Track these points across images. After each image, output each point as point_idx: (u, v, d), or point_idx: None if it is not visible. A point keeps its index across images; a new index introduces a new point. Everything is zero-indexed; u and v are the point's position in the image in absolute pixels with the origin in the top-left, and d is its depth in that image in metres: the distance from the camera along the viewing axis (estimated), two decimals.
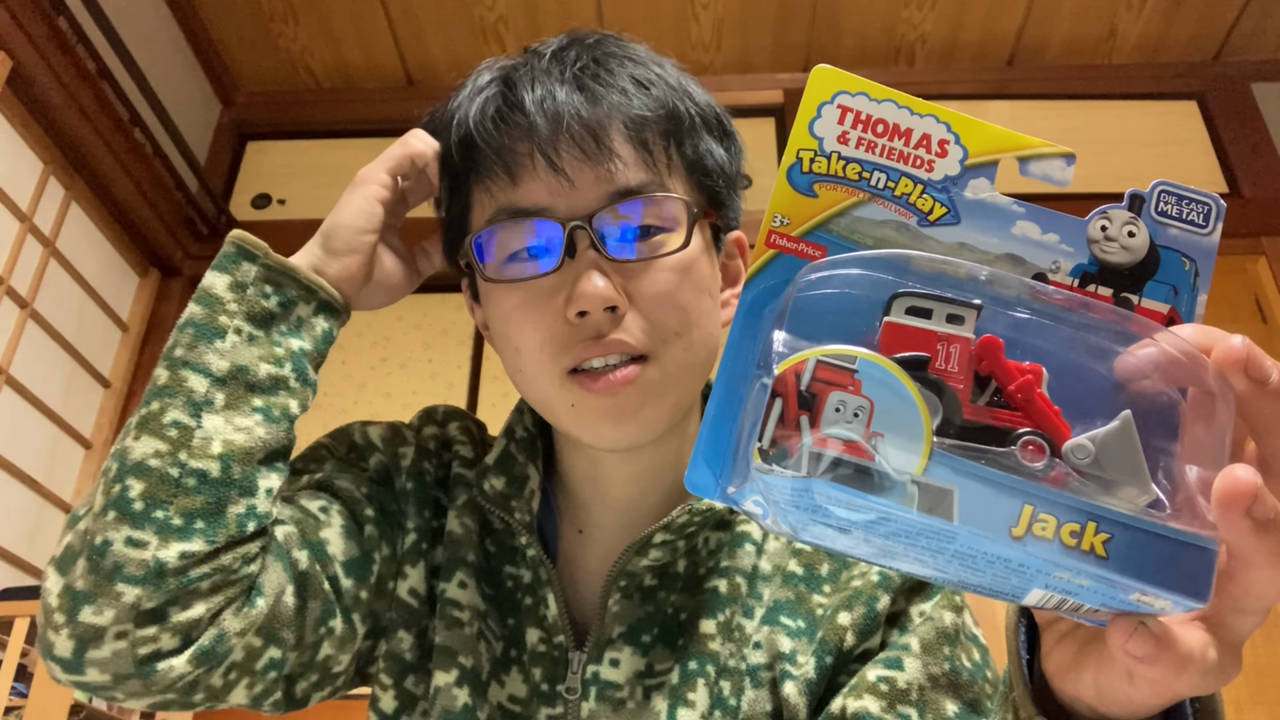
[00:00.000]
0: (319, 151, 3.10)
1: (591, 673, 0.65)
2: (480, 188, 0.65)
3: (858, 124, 0.31)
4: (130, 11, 2.62)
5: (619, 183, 0.61)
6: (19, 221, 2.25)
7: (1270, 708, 2.20)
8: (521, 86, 0.63)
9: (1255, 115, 3.01)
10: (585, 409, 0.62)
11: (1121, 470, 0.27)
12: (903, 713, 0.59)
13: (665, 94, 0.65)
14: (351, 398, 2.69)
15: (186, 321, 0.60)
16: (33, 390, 2.27)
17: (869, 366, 0.27)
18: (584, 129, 0.61)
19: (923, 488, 0.26)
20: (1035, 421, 0.27)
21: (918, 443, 0.26)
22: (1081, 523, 0.26)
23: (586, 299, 0.59)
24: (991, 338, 0.28)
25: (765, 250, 0.32)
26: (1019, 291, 0.28)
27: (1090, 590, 0.27)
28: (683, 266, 0.62)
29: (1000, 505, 0.26)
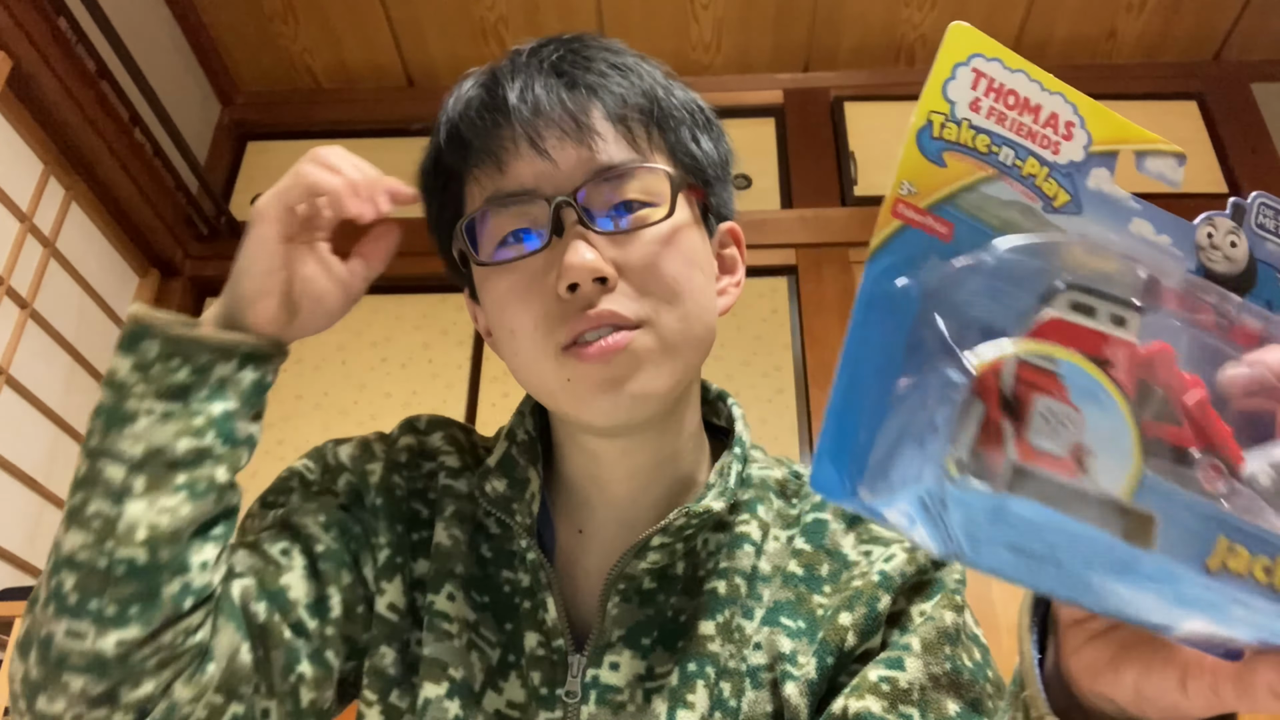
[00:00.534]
0: None
1: (591, 676, 0.65)
2: (471, 180, 0.66)
3: (990, 92, 0.29)
4: (130, 11, 2.62)
5: (601, 160, 0.62)
6: (19, 221, 2.25)
7: None
8: (503, 81, 0.65)
9: (1255, 115, 3.01)
10: (580, 382, 0.62)
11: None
12: (904, 712, 0.59)
13: (645, 81, 0.67)
14: (351, 398, 2.69)
15: (98, 409, 0.60)
16: (33, 390, 2.27)
17: (1076, 371, 0.25)
18: (564, 111, 0.63)
19: (1127, 513, 0.24)
20: (1209, 440, 0.25)
21: (1127, 462, 0.24)
22: (1272, 555, 0.24)
23: (574, 270, 0.59)
24: (1164, 345, 0.25)
25: (891, 221, 0.29)
26: (1177, 298, 0.26)
27: (1252, 626, 0.26)
28: (669, 237, 0.63)
29: (1198, 534, 0.24)
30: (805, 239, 2.83)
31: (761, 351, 2.71)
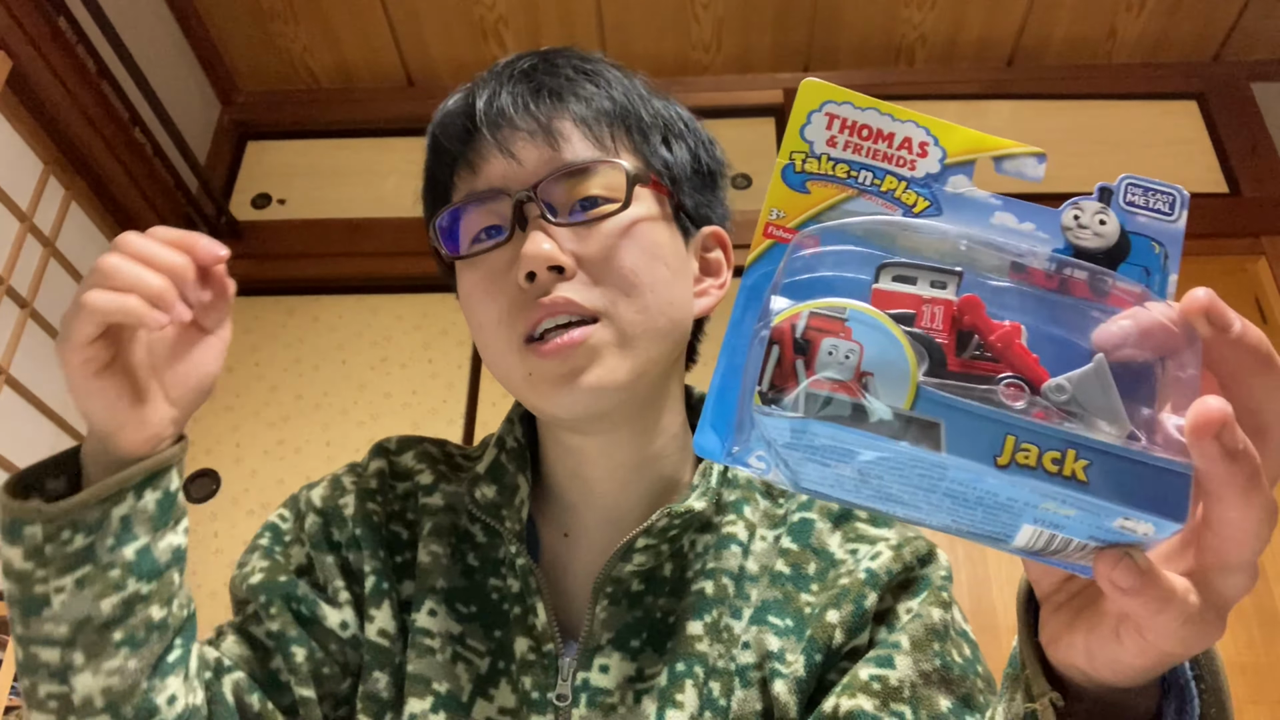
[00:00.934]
0: (319, 151, 3.10)
1: (582, 679, 0.65)
2: (453, 186, 0.69)
3: (845, 129, 0.33)
4: (130, 11, 2.62)
5: (565, 157, 0.65)
6: (19, 221, 2.25)
7: (1270, 708, 2.20)
8: (476, 91, 0.68)
9: (1255, 115, 3.01)
10: (539, 377, 0.63)
11: (1098, 408, 0.28)
12: (896, 710, 0.59)
13: (615, 88, 0.69)
14: (351, 398, 2.69)
15: (9, 599, 0.57)
16: (33, 390, 2.27)
17: (859, 315, 0.29)
18: (528, 114, 0.65)
19: (911, 421, 0.28)
20: (1015, 368, 0.28)
21: (905, 380, 0.28)
22: (1062, 450, 0.27)
23: (530, 259, 0.61)
24: (972, 296, 0.29)
25: (763, 240, 0.34)
26: (999, 264, 0.30)
27: (1076, 522, 0.29)
28: (627, 229, 0.64)
29: (985, 436, 0.27)
30: None
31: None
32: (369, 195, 2.95)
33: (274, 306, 2.86)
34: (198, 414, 2.52)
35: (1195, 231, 2.32)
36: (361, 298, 2.85)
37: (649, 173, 0.68)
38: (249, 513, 2.53)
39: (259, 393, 2.71)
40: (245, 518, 2.53)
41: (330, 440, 2.63)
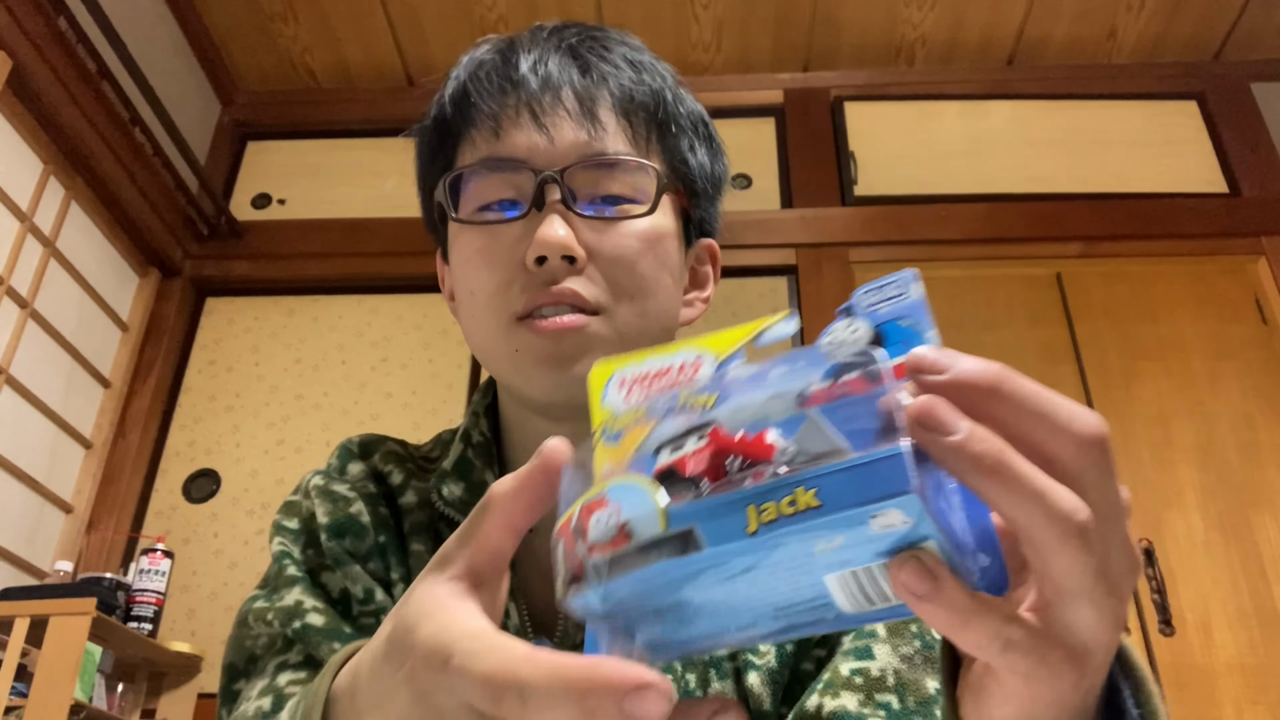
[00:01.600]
0: (319, 151, 3.10)
1: None
2: (466, 141, 0.65)
3: (634, 384, 0.38)
4: (130, 11, 2.62)
5: (597, 146, 0.62)
6: (19, 221, 2.25)
7: (1270, 708, 2.20)
8: (520, 49, 0.65)
9: (1255, 115, 3.01)
10: (527, 354, 0.61)
11: (824, 450, 0.30)
12: (882, 700, 0.58)
13: (657, 82, 0.66)
14: (352, 398, 2.69)
15: None
16: (33, 390, 2.27)
17: (615, 486, 0.32)
18: (572, 91, 0.62)
19: (669, 539, 0.30)
20: (750, 457, 0.31)
21: (654, 512, 0.31)
22: (791, 491, 0.29)
23: (546, 244, 0.59)
24: (715, 428, 0.32)
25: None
26: (787, 404, 0.33)
27: (851, 549, 0.30)
28: (646, 235, 0.63)
29: (732, 518, 0.30)
30: (805, 239, 2.83)
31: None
32: (369, 195, 2.95)
33: (274, 306, 2.86)
34: (197, 414, 2.51)
35: (1195, 232, 2.31)
36: (361, 298, 2.85)
37: (675, 180, 0.67)
38: (249, 513, 2.53)
39: (259, 393, 2.71)
40: (245, 518, 2.53)
41: (330, 440, 2.62)
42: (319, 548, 0.68)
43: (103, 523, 2.46)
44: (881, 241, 2.81)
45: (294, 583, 0.65)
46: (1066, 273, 2.77)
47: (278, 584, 0.65)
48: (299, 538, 0.69)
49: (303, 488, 0.71)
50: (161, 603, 2.28)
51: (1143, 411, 2.54)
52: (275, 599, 0.64)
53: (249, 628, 0.64)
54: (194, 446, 2.64)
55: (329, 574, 0.67)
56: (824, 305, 2.72)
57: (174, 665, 2.33)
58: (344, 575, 0.66)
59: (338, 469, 0.73)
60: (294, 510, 0.70)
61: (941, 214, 2.83)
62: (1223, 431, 2.52)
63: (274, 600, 0.64)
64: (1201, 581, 2.34)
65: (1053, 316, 2.70)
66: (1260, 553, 2.37)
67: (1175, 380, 2.58)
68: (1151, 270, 2.74)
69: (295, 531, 0.69)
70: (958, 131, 3.02)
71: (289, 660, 0.62)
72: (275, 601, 0.64)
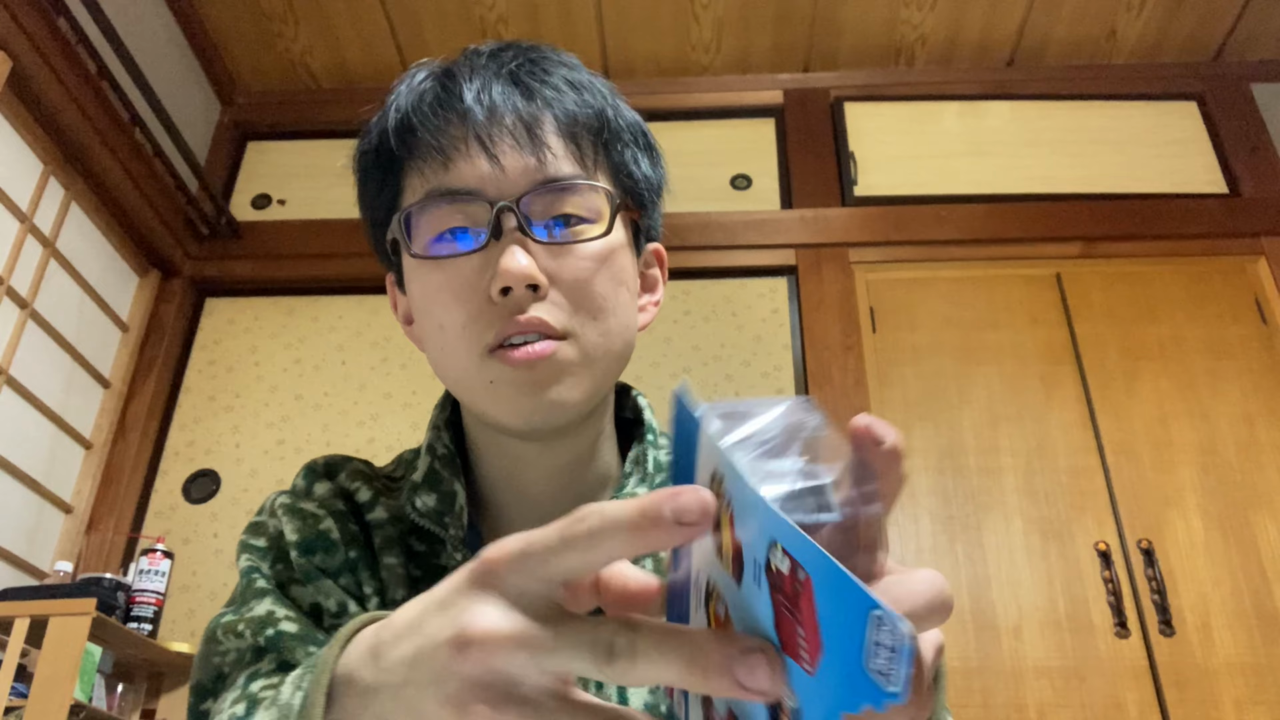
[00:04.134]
0: (319, 151, 3.10)
1: None
2: (413, 172, 0.66)
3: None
4: (130, 11, 2.62)
5: (548, 172, 0.63)
6: (19, 221, 2.25)
7: (1270, 708, 2.20)
8: (460, 78, 0.65)
9: (1255, 115, 3.01)
10: (502, 385, 0.62)
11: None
12: None
13: (596, 98, 0.67)
14: (352, 398, 2.69)
15: None
16: (33, 390, 2.27)
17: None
18: (518, 119, 0.63)
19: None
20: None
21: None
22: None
23: (510, 275, 0.60)
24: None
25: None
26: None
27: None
28: (602, 255, 0.64)
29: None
30: (805, 239, 2.84)
31: (761, 352, 2.71)
32: None
33: (274, 306, 2.86)
34: (197, 414, 2.51)
35: (1195, 232, 2.32)
36: (361, 298, 2.85)
37: (623, 195, 0.68)
38: (249, 513, 2.53)
39: (259, 393, 2.71)
40: (245, 518, 2.53)
41: (330, 440, 2.62)
42: (288, 563, 0.67)
43: (103, 523, 2.46)
44: (881, 242, 2.82)
45: (264, 594, 0.65)
46: (1066, 273, 2.77)
47: (246, 597, 0.65)
48: (267, 554, 0.68)
49: (268, 508, 0.71)
50: (161, 603, 2.28)
51: (1143, 411, 2.54)
52: (245, 610, 0.64)
53: (217, 643, 0.63)
54: (194, 446, 2.64)
55: (299, 588, 0.67)
56: (824, 306, 2.72)
57: (174, 666, 2.33)
58: (315, 590, 0.66)
59: (304, 489, 0.72)
60: (261, 530, 0.70)
61: (941, 214, 2.83)
62: (1223, 431, 2.52)
63: (243, 612, 0.63)
64: (1201, 581, 2.34)
65: (1053, 316, 2.70)
66: (1260, 553, 2.37)
67: (1175, 380, 2.59)
68: (1151, 270, 2.74)
69: (263, 549, 0.69)
70: (958, 132, 3.02)
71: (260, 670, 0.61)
72: (245, 613, 0.63)
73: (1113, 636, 2.29)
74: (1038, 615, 2.32)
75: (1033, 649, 2.29)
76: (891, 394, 2.61)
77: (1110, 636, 2.29)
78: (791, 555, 0.29)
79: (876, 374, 2.63)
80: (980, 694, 2.24)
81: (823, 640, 0.28)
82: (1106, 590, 2.34)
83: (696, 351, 2.72)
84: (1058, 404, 2.54)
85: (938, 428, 2.55)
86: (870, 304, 2.74)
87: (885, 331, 2.70)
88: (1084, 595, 2.34)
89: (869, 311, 2.73)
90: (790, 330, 2.74)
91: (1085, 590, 2.34)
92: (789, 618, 0.29)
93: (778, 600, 0.30)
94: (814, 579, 0.28)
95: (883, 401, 2.59)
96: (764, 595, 0.30)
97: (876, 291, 2.77)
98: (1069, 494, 2.45)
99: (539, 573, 0.32)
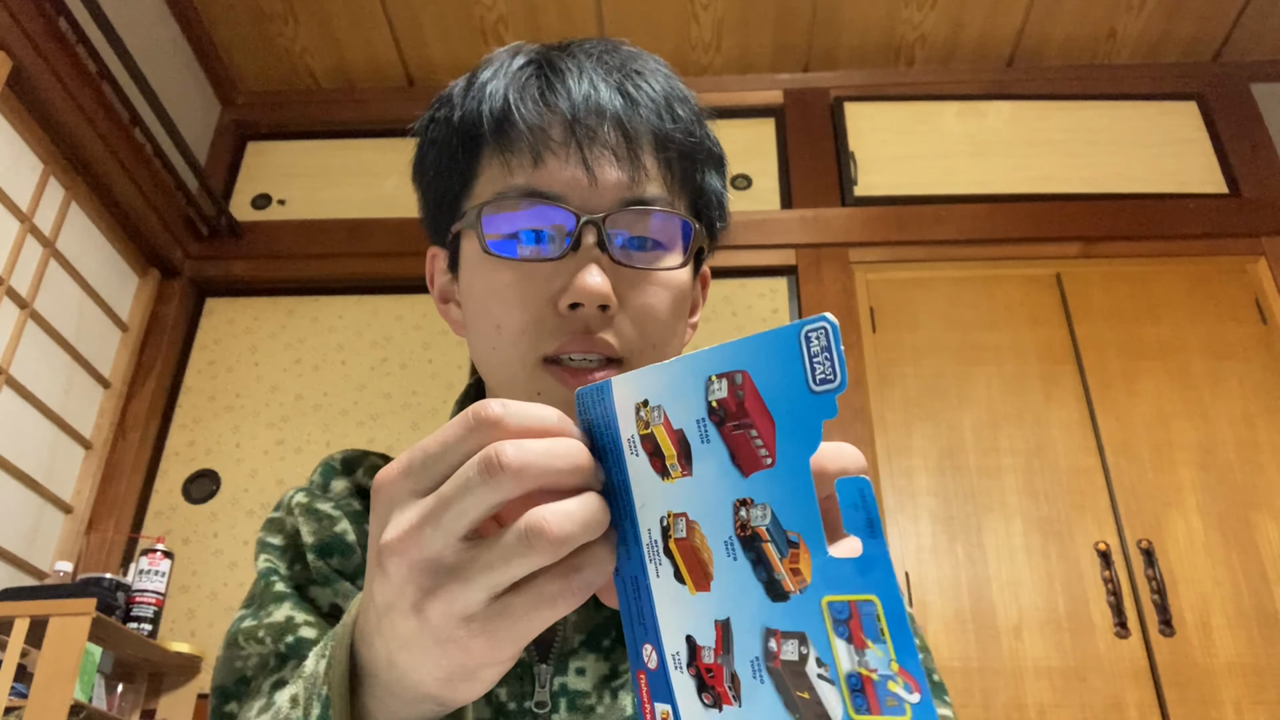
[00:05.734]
0: (319, 151, 3.10)
1: (559, 684, 0.64)
2: (497, 158, 0.63)
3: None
4: (130, 11, 2.62)
5: (638, 191, 0.62)
6: (19, 221, 2.25)
7: (1270, 708, 2.20)
8: (566, 74, 0.63)
9: (1255, 115, 3.01)
10: (550, 396, 0.61)
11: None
12: None
13: (692, 120, 0.66)
14: (352, 398, 2.69)
15: None
16: (33, 390, 2.27)
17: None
18: (619, 132, 0.62)
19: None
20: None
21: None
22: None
23: (585, 293, 0.59)
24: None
25: None
26: None
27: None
28: (674, 285, 0.64)
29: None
30: (805, 239, 2.84)
31: None
32: (369, 195, 2.95)
33: (274, 306, 2.86)
34: (197, 414, 2.51)
35: (1195, 232, 2.31)
36: (361, 298, 2.85)
37: (701, 229, 0.67)
38: (249, 513, 2.53)
39: (259, 393, 2.71)
40: (245, 518, 2.53)
41: (330, 440, 2.62)
42: (306, 564, 0.68)
43: (102, 523, 2.46)
44: (881, 242, 2.82)
45: (282, 599, 0.65)
46: (1066, 273, 2.77)
47: (264, 600, 0.65)
48: (285, 554, 0.69)
49: (285, 504, 0.71)
50: (161, 603, 2.28)
51: (1143, 411, 2.54)
52: (263, 616, 0.64)
53: (239, 648, 0.63)
54: (194, 447, 2.64)
55: (317, 589, 0.67)
56: (824, 306, 2.72)
57: (174, 666, 2.33)
58: (333, 591, 0.66)
59: (320, 485, 0.72)
60: (278, 526, 0.70)
61: (941, 214, 2.83)
62: (1223, 431, 2.52)
63: (262, 618, 0.63)
64: (1201, 582, 2.34)
65: (1053, 316, 2.70)
66: (1260, 553, 2.37)
67: (1175, 380, 2.59)
68: (1151, 270, 2.74)
69: (281, 548, 0.69)
70: (958, 131, 3.02)
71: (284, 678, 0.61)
72: (264, 619, 0.63)
73: (1113, 636, 2.29)
74: (1038, 615, 2.32)
75: (1033, 649, 2.29)
76: (891, 394, 2.61)
77: (1110, 636, 2.29)
78: (726, 372, 0.32)
79: (876, 374, 2.63)
80: (980, 694, 2.24)
81: (772, 414, 0.31)
82: (1106, 590, 2.34)
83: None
84: (1058, 404, 2.54)
85: (938, 428, 2.55)
86: (870, 304, 2.74)
87: (885, 331, 2.70)
88: (1084, 595, 2.34)
89: (869, 311, 2.73)
90: None
91: (1085, 590, 2.34)
92: (742, 435, 0.32)
93: (726, 430, 0.32)
94: (750, 366, 0.32)
95: (883, 401, 2.59)
96: (716, 443, 0.33)
97: (876, 291, 2.77)
98: (1069, 494, 2.45)
99: (425, 474, 0.37)
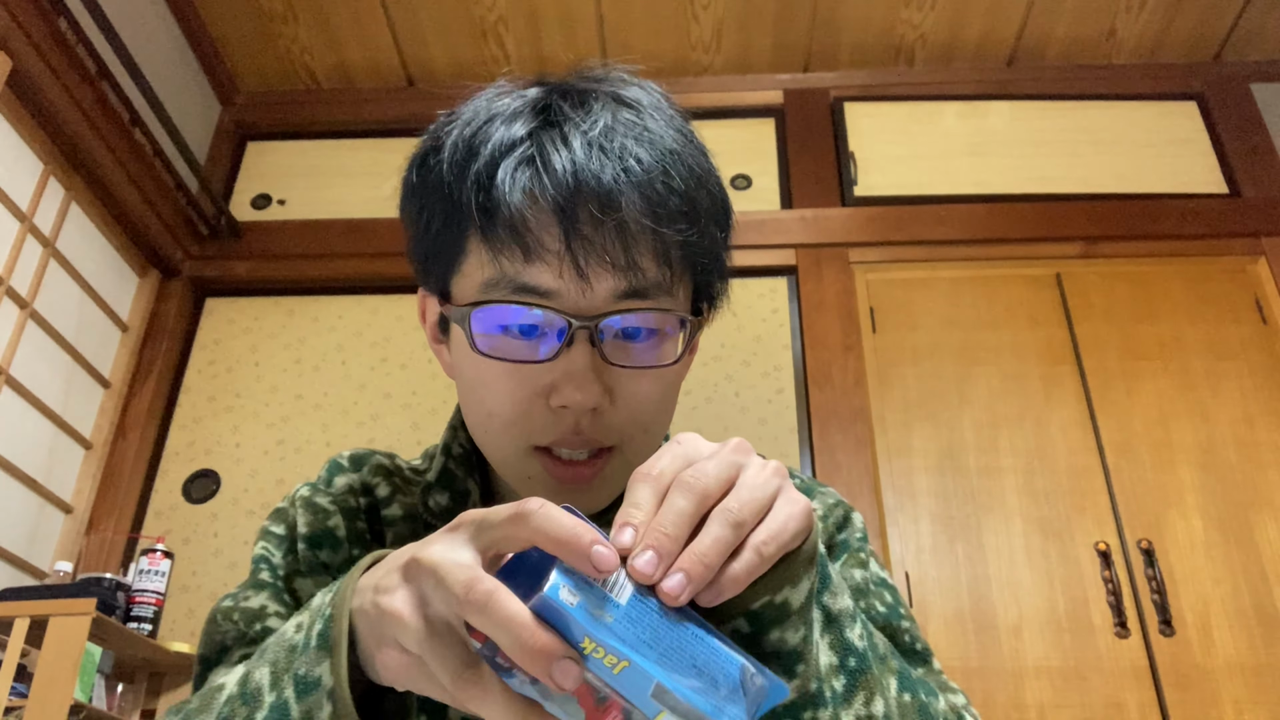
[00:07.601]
0: (319, 151, 3.10)
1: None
2: (485, 242, 0.60)
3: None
4: (130, 11, 2.62)
5: (634, 283, 0.60)
6: (19, 221, 2.25)
7: (1270, 708, 2.20)
8: (558, 155, 0.59)
9: (1255, 115, 3.01)
10: (540, 482, 0.63)
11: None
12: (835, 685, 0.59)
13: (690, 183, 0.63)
14: (352, 398, 2.69)
15: None
16: (33, 390, 2.27)
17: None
18: (617, 238, 0.58)
19: None
20: None
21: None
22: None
23: (574, 400, 0.59)
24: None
25: None
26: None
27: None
28: (668, 378, 0.64)
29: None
30: (805, 239, 2.84)
31: (761, 352, 2.71)
32: (369, 195, 2.95)
33: (274, 306, 2.86)
34: (197, 414, 2.51)
35: (1195, 232, 2.32)
36: (361, 298, 2.85)
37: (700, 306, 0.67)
38: (249, 513, 2.53)
39: (259, 393, 2.71)
40: (245, 518, 2.53)
41: (330, 440, 2.62)
42: (297, 554, 0.70)
43: (102, 523, 2.46)
44: (881, 242, 2.82)
45: (263, 588, 0.68)
46: (1066, 273, 2.77)
47: (247, 584, 0.68)
48: (282, 543, 0.71)
49: (291, 497, 0.74)
50: (161, 603, 2.28)
51: (1143, 411, 2.54)
52: (241, 599, 0.67)
53: (218, 624, 0.66)
54: (194, 447, 2.64)
55: (302, 579, 0.69)
56: (824, 306, 2.72)
57: (174, 666, 2.33)
58: (315, 583, 0.69)
59: (325, 481, 0.74)
60: (282, 517, 0.73)
61: (941, 214, 2.83)
62: (1223, 432, 2.52)
63: (239, 600, 0.67)
64: (1201, 582, 2.34)
65: (1053, 317, 2.70)
66: (1260, 553, 2.37)
67: (1175, 380, 2.59)
68: (1151, 270, 2.74)
69: (280, 537, 0.72)
70: (958, 132, 3.02)
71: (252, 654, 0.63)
72: (240, 601, 0.67)
73: (1113, 636, 2.29)
74: (1038, 615, 2.32)
75: (1033, 649, 2.29)
76: (891, 394, 2.61)
77: (1110, 636, 2.29)
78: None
79: (876, 374, 2.63)
80: (980, 694, 2.24)
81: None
82: (1106, 590, 2.34)
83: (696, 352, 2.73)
84: (1058, 404, 2.54)
85: (938, 428, 2.55)
86: (870, 304, 2.74)
87: (885, 331, 2.70)
88: (1084, 595, 2.34)
89: (869, 311, 2.73)
90: (790, 330, 2.74)
91: (1085, 590, 2.34)
92: None
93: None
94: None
95: (883, 402, 2.59)
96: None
97: (876, 291, 2.77)
98: (1069, 494, 2.45)
99: (481, 538, 0.43)
